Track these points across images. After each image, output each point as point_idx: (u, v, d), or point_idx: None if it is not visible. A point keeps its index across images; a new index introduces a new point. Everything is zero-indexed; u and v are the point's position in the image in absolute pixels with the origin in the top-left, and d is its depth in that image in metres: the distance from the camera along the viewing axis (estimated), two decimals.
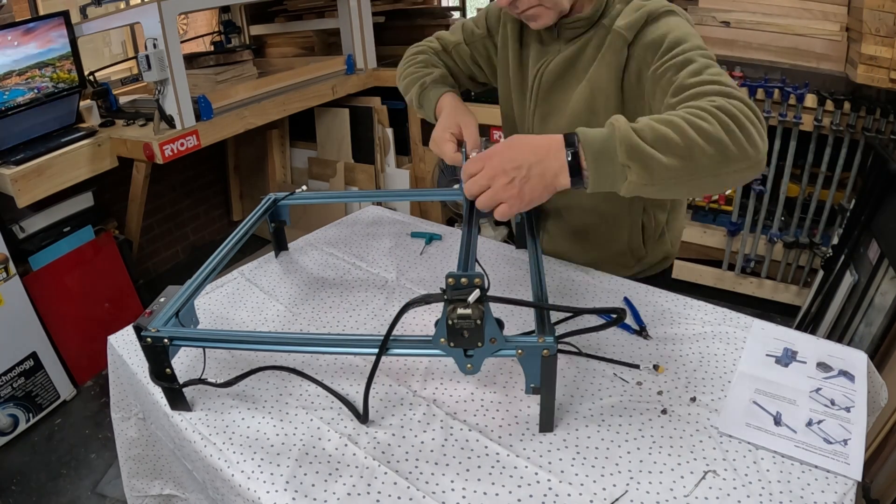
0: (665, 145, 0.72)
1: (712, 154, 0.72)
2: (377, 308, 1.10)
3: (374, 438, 0.79)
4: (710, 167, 0.73)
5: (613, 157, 0.72)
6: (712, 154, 0.72)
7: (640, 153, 0.71)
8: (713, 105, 0.74)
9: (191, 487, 0.97)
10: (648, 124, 0.73)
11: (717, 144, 0.71)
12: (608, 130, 0.74)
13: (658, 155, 0.71)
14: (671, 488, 0.69)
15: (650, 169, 0.72)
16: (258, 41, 3.49)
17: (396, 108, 2.92)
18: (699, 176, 0.73)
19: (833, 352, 0.90)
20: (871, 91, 2.08)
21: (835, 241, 2.18)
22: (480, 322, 0.69)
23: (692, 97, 0.79)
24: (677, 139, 0.72)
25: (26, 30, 2.02)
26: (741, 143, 0.72)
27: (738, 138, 0.72)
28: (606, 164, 0.73)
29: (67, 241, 2.27)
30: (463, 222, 0.89)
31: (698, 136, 0.72)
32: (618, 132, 0.73)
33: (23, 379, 2.11)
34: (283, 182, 3.30)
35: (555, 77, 1.05)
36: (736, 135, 0.72)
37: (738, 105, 0.75)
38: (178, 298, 0.87)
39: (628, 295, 1.07)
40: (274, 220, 1.26)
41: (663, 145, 0.72)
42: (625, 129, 0.72)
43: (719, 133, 0.72)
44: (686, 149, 0.71)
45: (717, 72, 0.83)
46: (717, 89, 0.78)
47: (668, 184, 0.73)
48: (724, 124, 0.72)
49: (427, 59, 1.20)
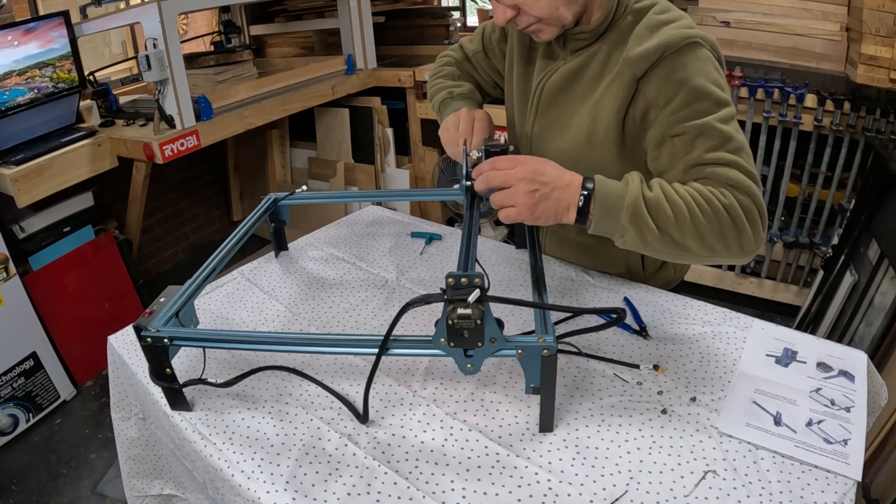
0: (664, 225, 0.79)
1: (703, 247, 0.81)
2: (377, 308, 1.10)
3: (374, 438, 0.79)
4: (698, 255, 0.82)
5: (618, 217, 0.80)
6: (703, 247, 0.81)
7: (641, 223, 0.79)
8: (722, 201, 0.80)
9: (191, 487, 0.97)
10: (658, 198, 0.80)
11: (710, 242, 0.80)
12: (622, 188, 0.81)
13: (655, 231, 0.79)
14: (671, 488, 0.70)
15: (645, 239, 0.81)
16: (258, 41, 3.49)
17: (396, 108, 2.92)
18: (686, 258, 0.84)
19: (833, 352, 0.90)
20: (871, 91, 2.08)
21: (835, 241, 2.18)
22: (480, 322, 0.69)
23: (705, 176, 0.83)
24: (676, 225, 0.79)
25: (26, 30, 2.01)
26: (733, 246, 0.81)
27: (732, 242, 0.80)
28: (610, 219, 0.81)
29: (67, 241, 2.27)
30: (463, 222, 0.90)
31: (696, 230, 0.79)
32: (629, 196, 0.80)
33: (23, 379, 2.11)
34: (283, 182, 3.30)
35: (556, 90, 1.01)
36: (731, 238, 0.80)
37: (746, 204, 0.80)
38: (178, 298, 0.87)
39: (628, 295, 1.07)
40: (274, 220, 1.26)
41: (663, 224, 0.79)
42: (635, 195, 0.79)
43: (716, 234, 0.79)
44: (681, 235, 0.80)
45: (737, 146, 0.82)
46: (731, 177, 0.81)
47: (658, 254, 0.84)
48: (724, 226, 0.79)
49: (453, 71, 1.21)
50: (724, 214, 0.79)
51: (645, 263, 1.12)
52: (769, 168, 2.33)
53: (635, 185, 0.80)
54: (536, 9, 0.88)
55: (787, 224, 2.42)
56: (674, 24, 0.87)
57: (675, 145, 0.86)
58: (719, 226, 0.79)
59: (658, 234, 0.79)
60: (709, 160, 0.82)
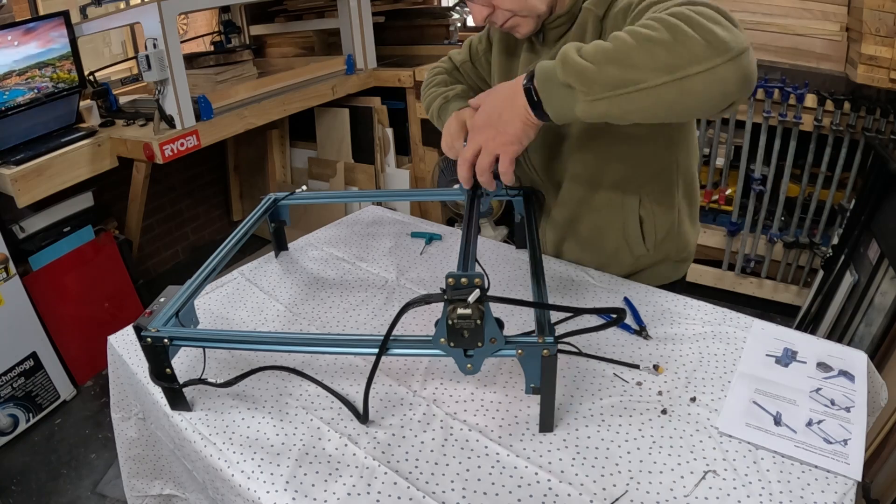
0: (603, 56, 0.69)
1: (662, 66, 0.67)
2: (377, 308, 1.10)
3: (374, 438, 0.79)
4: (664, 79, 0.67)
5: (554, 77, 0.72)
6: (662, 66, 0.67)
7: (575, 67, 0.70)
8: (664, 13, 0.70)
9: (191, 487, 0.97)
10: (592, 44, 0.72)
11: (661, 46, 0.67)
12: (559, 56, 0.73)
13: (592, 66, 0.69)
14: (671, 488, 0.69)
15: (589, 81, 0.70)
16: (258, 41, 3.49)
17: (396, 108, 2.92)
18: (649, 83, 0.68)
19: (833, 352, 0.90)
20: (871, 91, 2.08)
21: (835, 241, 2.18)
22: (480, 322, 0.69)
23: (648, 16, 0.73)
24: (613, 47, 0.69)
25: (26, 30, 2.01)
26: (693, 41, 0.66)
27: (689, 36, 0.67)
28: (552, 86, 0.73)
29: (67, 241, 2.28)
30: (463, 222, 0.90)
31: (636, 42, 0.68)
32: (559, 55, 0.73)
33: (23, 379, 2.11)
34: (283, 182, 3.30)
35: None
36: (685, 33, 0.67)
37: (696, 8, 0.69)
38: (178, 298, 0.87)
39: (628, 295, 1.07)
40: (274, 220, 1.26)
41: (601, 56, 0.69)
42: (564, 50, 0.72)
43: (663, 34, 0.67)
44: (630, 64, 0.68)
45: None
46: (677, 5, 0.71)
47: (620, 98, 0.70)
48: (671, 26, 0.67)
49: (445, 78, 1.22)
50: (668, 19, 0.68)
51: (644, 233, 1.09)
52: (769, 168, 2.33)
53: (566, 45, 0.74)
54: (508, 2, 0.91)
55: (787, 224, 2.42)
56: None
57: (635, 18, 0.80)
58: (667, 29, 0.67)
59: (601, 69, 0.69)
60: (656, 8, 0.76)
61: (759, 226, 2.45)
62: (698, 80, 0.67)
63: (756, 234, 2.46)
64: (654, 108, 0.71)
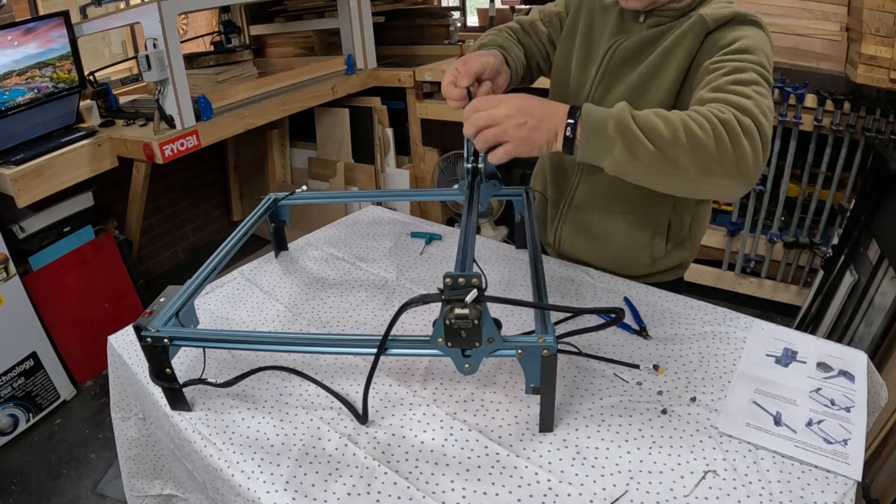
0: (652, 134, 0.76)
1: (693, 160, 0.75)
2: (377, 308, 1.10)
3: (374, 438, 0.79)
4: (689, 171, 0.76)
5: (604, 131, 0.77)
6: (693, 160, 0.75)
7: (627, 131, 0.76)
8: (719, 115, 0.76)
9: (191, 487, 0.97)
10: (646, 113, 0.78)
11: (701, 153, 0.75)
12: (608, 110, 0.79)
13: (643, 139, 0.76)
14: (671, 488, 0.69)
15: (633, 150, 0.76)
16: (258, 41, 3.49)
17: (396, 108, 2.92)
18: (677, 175, 0.77)
19: (833, 352, 0.90)
20: (871, 91, 2.08)
21: (835, 241, 2.18)
22: (478, 322, 0.69)
23: (713, 101, 0.81)
24: (665, 133, 0.75)
25: (26, 30, 2.01)
26: (727, 160, 0.75)
27: (727, 154, 0.75)
28: (597, 137, 0.78)
29: (67, 241, 2.27)
30: (461, 222, 0.90)
31: (685, 139, 0.75)
32: (615, 109, 0.78)
33: (23, 379, 2.11)
34: (283, 182, 3.30)
35: (629, 52, 1.03)
36: (726, 150, 0.75)
37: (745, 122, 0.76)
38: (178, 298, 0.87)
39: (628, 295, 1.07)
40: (274, 220, 1.26)
41: (651, 133, 0.76)
42: (621, 108, 0.78)
43: (709, 143, 0.75)
44: (670, 145, 0.75)
45: (760, 90, 0.82)
46: (738, 102, 0.79)
47: (647, 173, 0.79)
48: (719, 136, 0.75)
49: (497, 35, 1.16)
50: (720, 127, 0.75)
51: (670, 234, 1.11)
52: (769, 168, 2.33)
53: (622, 105, 0.79)
54: None
55: (787, 224, 2.42)
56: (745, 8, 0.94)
57: (711, 74, 0.87)
58: (714, 139, 0.75)
59: (648, 147, 0.76)
60: (725, 89, 0.82)
61: (759, 226, 2.45)
62: (713, 186, 0.79)
63: (756, 234, 2.46)
64: (663, 187, 0.82)
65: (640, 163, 0.77)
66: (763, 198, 2.40)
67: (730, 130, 0.75)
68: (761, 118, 0.78)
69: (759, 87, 0.83)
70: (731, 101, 0.79)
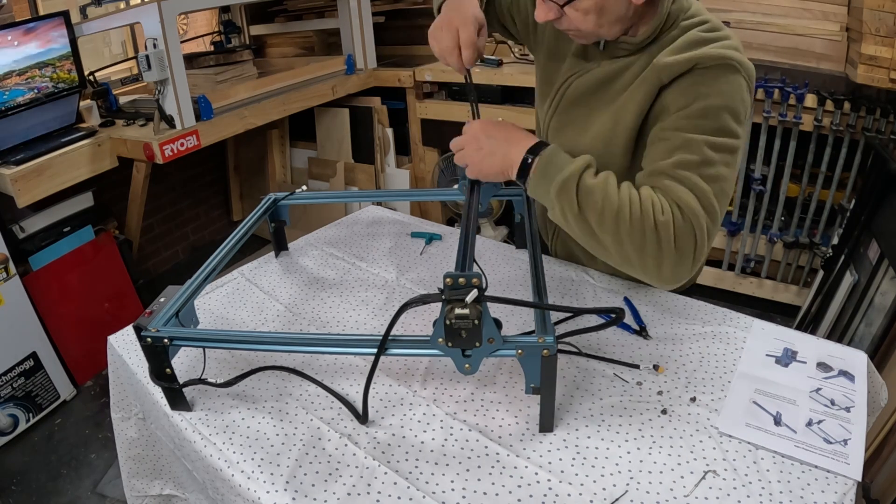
0: (587, 212, 0.79)
1: (619, 252, 0.79)
2: (377, 308, 1.10)
3: (374, 438, 0.79)
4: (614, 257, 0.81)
5: (549, 187, 0.81)
6: (619, 252, 0.79)
7: (565, 200, 0.80)
8: (658, 217, 0.76)
9: (191, 487, 0.97)
10: (593, 186, 0.79)
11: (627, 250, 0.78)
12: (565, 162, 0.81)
13: (576, 212, 0.79)
14: (671, 488, 0.70)
15: (566, 218, 0.81)
16: (258, 41, 3.49)
17: (396, 108, 2.92)
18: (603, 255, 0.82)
19: (833, 352, 0.90)
20: (871, 91, 2.08)
21: (835, 241, 2.18)
22: (478, 322, 0.69)
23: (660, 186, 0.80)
24: (599, 218, 0.78)
25: (26, 30, 2.01)
26: (650, 265, 0.78)
27: (649, 260, 0.78)
28: (543, 186, 0.82)
29: (67, 241, 2.27)
30: (461, 222, 0.90)
31: (616, 230, 0.77)
32: (566, 171, 0.80)
33: (23, 379, 2.11)
34: (283, 182, 3.30)
35: (583, 91, 0.98)
36: (649, 255, 0.77)
37: (681, 230, 0.76)
38: (178, 298, 0.87)
39: (628, 295, 1.07)
40: (274, 220, 1.26)
41: (586, 211, 0.79)
42: (573, 172, 0.79)
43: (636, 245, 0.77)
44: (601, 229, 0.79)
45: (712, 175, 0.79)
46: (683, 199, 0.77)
47: (578, 238, 0.83)
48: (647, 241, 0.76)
49: None
50: (652, 230, 0.76)
51: None
52: (769, 168, 2.33)
53: (577, 165, 0.80)
54: (581, 23, 0.86)
55: (787, 224, 2.42)
56: (717, 43, 0.83)
57: (657, 148, 0.84)
58: (642, 238, 0.76)
59: (579, 217, 0.79)
60: (671, 174, 0.79)
61: (759, 226, 2.45)
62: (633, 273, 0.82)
63: (756, 234, 2.46)
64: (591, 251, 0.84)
65: (569, 227, 0.82)
66: (763, 198, 2.40)
67: (661, 235, 0.76)
68: (703, 222, 0.77)
69: (708, 168, 0.79)
70: (674, 195, 0.78)
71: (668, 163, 0.81)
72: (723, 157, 0.80)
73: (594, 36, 0.90)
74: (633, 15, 0.86)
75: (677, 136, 0.82)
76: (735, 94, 0.81)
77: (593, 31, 0.88)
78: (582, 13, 0.84)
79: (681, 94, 0.83)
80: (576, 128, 1.00)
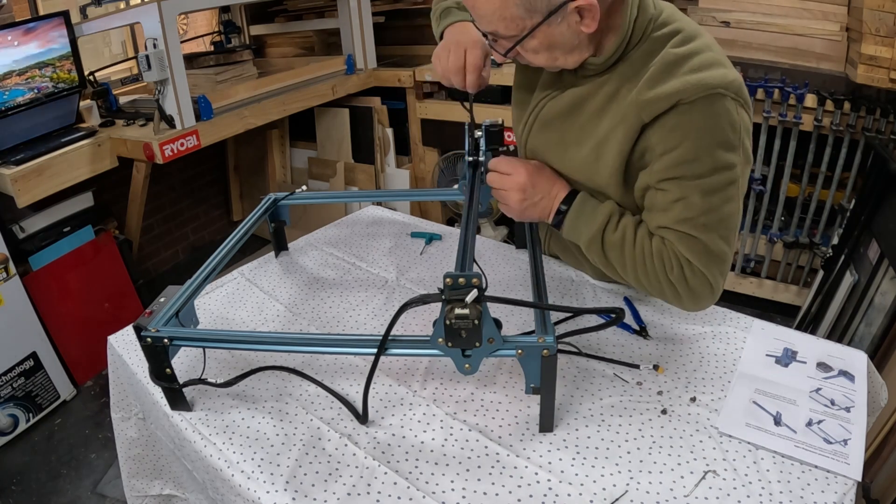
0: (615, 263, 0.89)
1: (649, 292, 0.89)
2: (377, 308, 1.10)
3: (374, 438, 0.79)
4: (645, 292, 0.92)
5: (579, 241, 0.92)
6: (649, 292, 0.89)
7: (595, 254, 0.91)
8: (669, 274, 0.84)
9: (191, 487, 0.97)
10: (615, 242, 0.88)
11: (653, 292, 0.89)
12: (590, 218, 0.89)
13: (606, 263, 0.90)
14: (671, 488, 0.70)
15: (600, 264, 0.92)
16: (258, 41, 3.49)
17: (396, 108, 2.92)
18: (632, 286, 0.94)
19: (833, 352, 0.90)
20: (871, 91, 2.08)
21: (835, 241, 2.17)
22: (478, 322, 0.69)
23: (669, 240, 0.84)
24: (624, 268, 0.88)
25: (26, 30, 2.01)
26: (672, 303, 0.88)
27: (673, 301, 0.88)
28: (575, 238, 0.93)
29: (67, 241, 2.27)
30: (461, 222, 0.90)
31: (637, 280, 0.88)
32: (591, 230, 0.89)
33: (23, 379, 2.11)
34: (283, 182, 3.30)
35: (555, 114, 0.95)
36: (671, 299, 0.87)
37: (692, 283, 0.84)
38: (178, 298, 0.87)
39: (628, 295, 1.07)
40: (274, 220, 1.26)
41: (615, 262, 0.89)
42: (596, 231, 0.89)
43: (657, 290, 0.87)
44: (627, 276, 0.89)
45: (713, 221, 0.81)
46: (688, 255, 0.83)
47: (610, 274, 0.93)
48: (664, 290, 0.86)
49: None
50: (668, 283, 0.85)
51: None
52: (769, 168, 2.33)
53: (599, 223, 0.88)
54: (536, 60, 0.86)
55: (787, 224, 2.42)
56: (695, 61, 0.78)
57: (656, 197, 0.84)
58: (660, 286, 0.86)
59: (609, 266, 0.91)
60: (675, 230, 0.83)
61: (759, 226, 2.45)
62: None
63: (756, 234, 2.46)
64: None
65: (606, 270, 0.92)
66: (763, 198, 2.40)
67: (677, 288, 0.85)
68: (713, 270, 0.83)
69: (709, 216, 0.80)
70: (682, 252, 0.83)
71: (669, 217, 0.83)
72: (723, 195, 0.81)
73: (556, 67, 0.88)
74: (588, 41, 0.83)
75: (672, 186, 0.81)
76: (723, 123, 0.78)
77: (552, 66, 0.88)
78: (532, 52, 0.84)
79: (666, 135, 0.80)
80: (555, 151, 0.97)
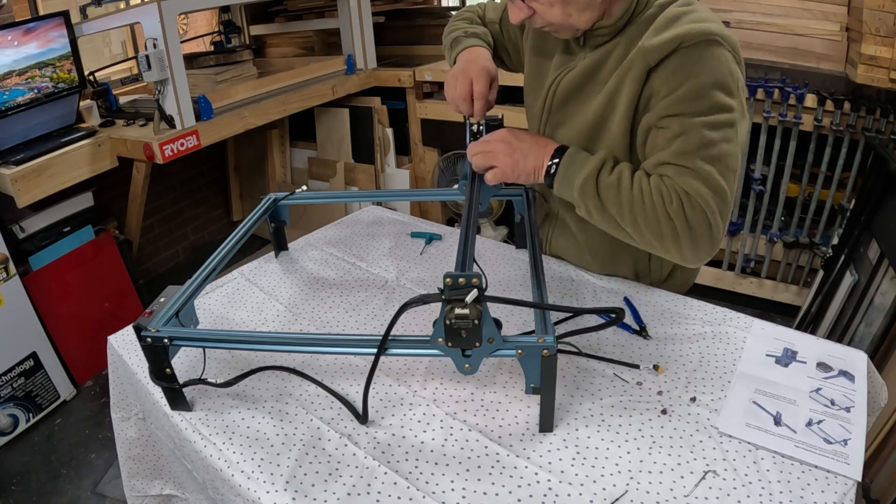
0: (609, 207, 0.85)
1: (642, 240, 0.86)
2: (377, 308, 1.10)
3: (374, 438, 0.79)
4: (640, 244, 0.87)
5: (571, 188, 0.88)
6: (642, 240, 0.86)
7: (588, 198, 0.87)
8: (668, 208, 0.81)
9: (191, 487, 0.97)
10: (610, 183, 0.85)
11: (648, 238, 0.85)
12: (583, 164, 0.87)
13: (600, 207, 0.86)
14: (671, 488, 0.69)
15: (590, 212, 0.88)
16: (258, 41, 3.49)
17: (396, 108, 2.92)
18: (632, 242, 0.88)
19: (833, 352, 0.90)
20: (871, 91, 2.08)
21: (835, 241, 2.17)
22: (478, 322, 0.69)
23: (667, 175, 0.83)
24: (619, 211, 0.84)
25: (26, 30, 2.01)
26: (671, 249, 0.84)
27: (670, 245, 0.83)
28: (567, 188, 0.89)
29: (67, 241, 2.27)
30: (461, 222, 0.90)
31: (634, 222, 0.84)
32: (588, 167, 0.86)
33: (23, 379, 2.11)
34: (283, 182, 3.30)
35: (572, 87, 0.99)
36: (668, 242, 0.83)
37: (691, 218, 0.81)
38: (178, 298, 0.87)
39: (628, 295, 1.07)
40: (274, 220, 1.26)
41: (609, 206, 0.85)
42: (589, 173, 0.86)
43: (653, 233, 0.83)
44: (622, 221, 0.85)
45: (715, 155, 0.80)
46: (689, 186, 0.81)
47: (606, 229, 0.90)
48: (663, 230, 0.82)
49: (472, 16, 1.23)
50: (666, 219, 0.81)
51: (651, 269, 1.10)
52: (769, 168, 2.33)
53: (593, 165, 0.86)
54: (549, 16, 0.89)
55: (787, 224, 2.42)
56: (695, 15, 0.84)
57: (657, 137, 0.85)
58: (658, 227, 0.82)
59: (602, 211, 0.86)
60: (674, 163, 0.82)
61: (759, 226, 2.45)
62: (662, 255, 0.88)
63: (756, 234, 2.46)
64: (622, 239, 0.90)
65: (594, 220, 0.89)
66: (763, 198, 2.40)
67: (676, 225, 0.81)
68: (712, 203, 0.80)
69: (709, 149, 0.80)
70: (680, 183, 0.81)
71: (668, 152, 0.83)
72: (722, 133, 0.82)
73: (569, 28, 0.92)
74: (601, 1, 0.88)
75: (673, 122, 0.83)
76: (722, 67, 0.82)
77: (564, 23, 0.90)
78: (547, 5, 0.88)
79: (669, 76, 0.83)
80: (573, 121, 1.01)
